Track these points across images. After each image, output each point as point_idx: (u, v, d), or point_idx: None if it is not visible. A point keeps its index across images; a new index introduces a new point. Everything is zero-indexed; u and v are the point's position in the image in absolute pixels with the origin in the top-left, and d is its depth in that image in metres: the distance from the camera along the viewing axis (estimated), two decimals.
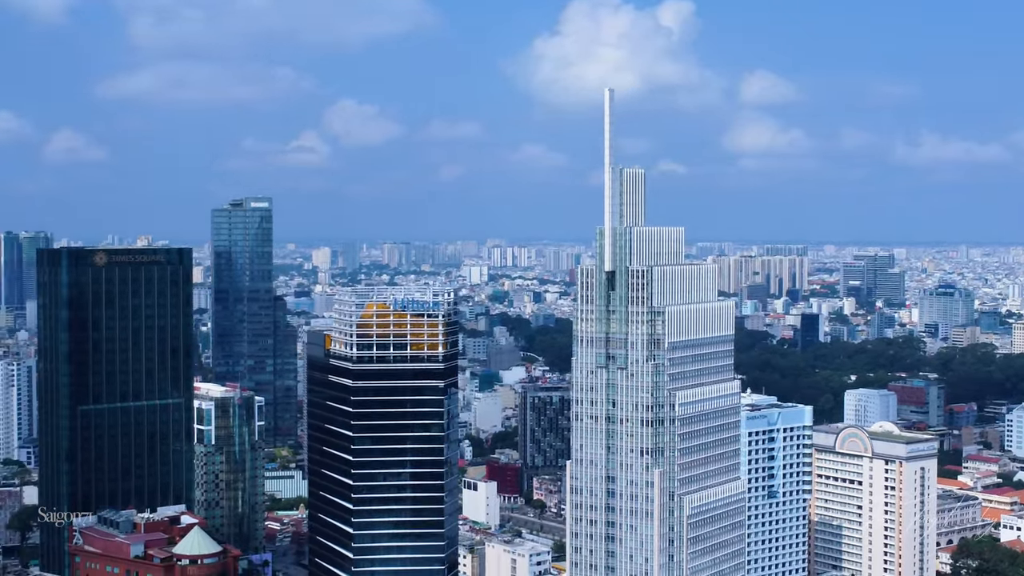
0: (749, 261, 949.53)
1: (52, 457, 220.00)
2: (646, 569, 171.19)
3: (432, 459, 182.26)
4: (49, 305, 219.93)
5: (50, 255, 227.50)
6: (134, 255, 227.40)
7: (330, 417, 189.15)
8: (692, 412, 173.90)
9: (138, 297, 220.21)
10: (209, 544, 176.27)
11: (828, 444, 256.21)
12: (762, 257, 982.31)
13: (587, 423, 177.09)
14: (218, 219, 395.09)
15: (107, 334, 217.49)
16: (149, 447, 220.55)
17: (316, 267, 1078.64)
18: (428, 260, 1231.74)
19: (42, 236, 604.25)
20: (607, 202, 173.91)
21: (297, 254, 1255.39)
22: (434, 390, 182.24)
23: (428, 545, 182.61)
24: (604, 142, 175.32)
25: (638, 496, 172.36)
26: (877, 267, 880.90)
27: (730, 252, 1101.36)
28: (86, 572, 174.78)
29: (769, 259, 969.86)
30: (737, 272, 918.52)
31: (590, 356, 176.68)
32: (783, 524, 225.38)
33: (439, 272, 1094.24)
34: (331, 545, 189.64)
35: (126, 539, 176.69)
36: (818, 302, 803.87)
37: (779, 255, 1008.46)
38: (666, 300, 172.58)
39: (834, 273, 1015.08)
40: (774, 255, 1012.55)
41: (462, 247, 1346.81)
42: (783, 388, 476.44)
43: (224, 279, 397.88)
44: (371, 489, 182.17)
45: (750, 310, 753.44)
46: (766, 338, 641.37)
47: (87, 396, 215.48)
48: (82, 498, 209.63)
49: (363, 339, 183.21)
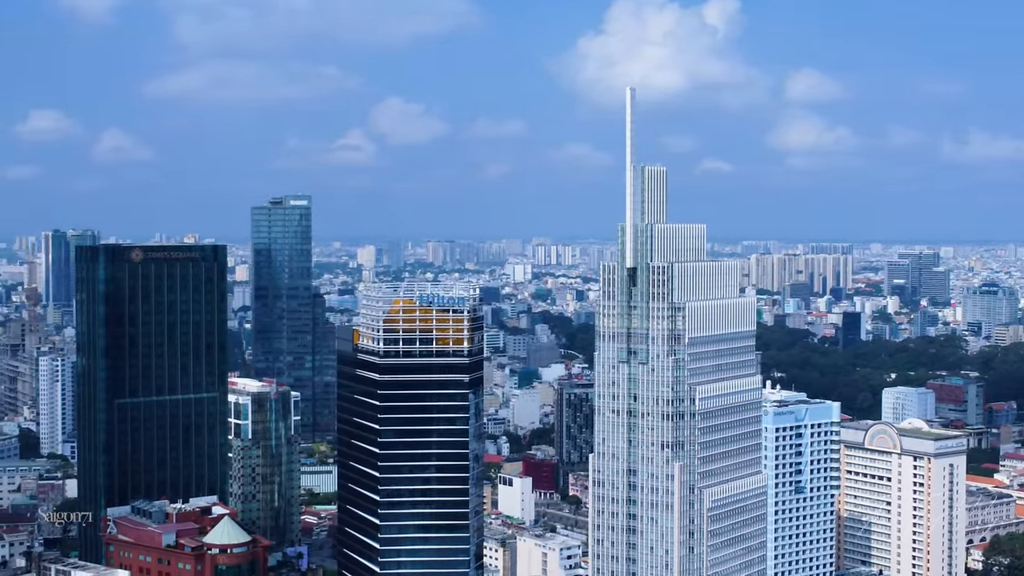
0: (793, 259, 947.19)
1: (90, 449, 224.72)
2: (666, 561, 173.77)
3: (457, 452, 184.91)
4: (87, 301, 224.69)
5: (88, 252, 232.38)
6: (170, 252, 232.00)
7: (358, 411, 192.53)
8: (712, 406, 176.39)
9: (174, 293, 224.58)
10: (239, 534, 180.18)
11: (857, 440, 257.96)
12: (806, 255, 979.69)
13: (609, 417, 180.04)
14: (258, 217, 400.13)
15: (143, 329, 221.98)
16: (184, 440, 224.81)
17: (360, 265, 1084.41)
18: (472, 258, 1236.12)
19: (89, 235, 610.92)
20: (628, 199, 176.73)
21: (342, 252, 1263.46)
22: (459, 384, 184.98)
23: (453, 536, 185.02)
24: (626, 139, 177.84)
25: (659, 489, 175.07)
26: (922, 266, 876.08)
27: (775, 251, 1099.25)
28: (120, 560, 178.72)
29: (813, 257, 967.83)
30: (780, 270, 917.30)
31: (612, 351, 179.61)
32: (810, 519, 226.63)
33: (483, 270, 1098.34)
34: (359, 536, 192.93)
35: (158, 529, 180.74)
36: (862, 301, 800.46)
37: (824, 254, 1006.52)
38: (687, 296, 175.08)
39: (879, 272, 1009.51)
40: (819, 254, 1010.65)
41: (507, 245, 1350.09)
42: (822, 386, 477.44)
43: (264, 276, 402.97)
44: (397, 481, 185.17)
45: (792, 308, 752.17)
46: (807, 336, 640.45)
47: (124, 390, 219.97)
48: (119, 490, 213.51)
49: (389, 334, 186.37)
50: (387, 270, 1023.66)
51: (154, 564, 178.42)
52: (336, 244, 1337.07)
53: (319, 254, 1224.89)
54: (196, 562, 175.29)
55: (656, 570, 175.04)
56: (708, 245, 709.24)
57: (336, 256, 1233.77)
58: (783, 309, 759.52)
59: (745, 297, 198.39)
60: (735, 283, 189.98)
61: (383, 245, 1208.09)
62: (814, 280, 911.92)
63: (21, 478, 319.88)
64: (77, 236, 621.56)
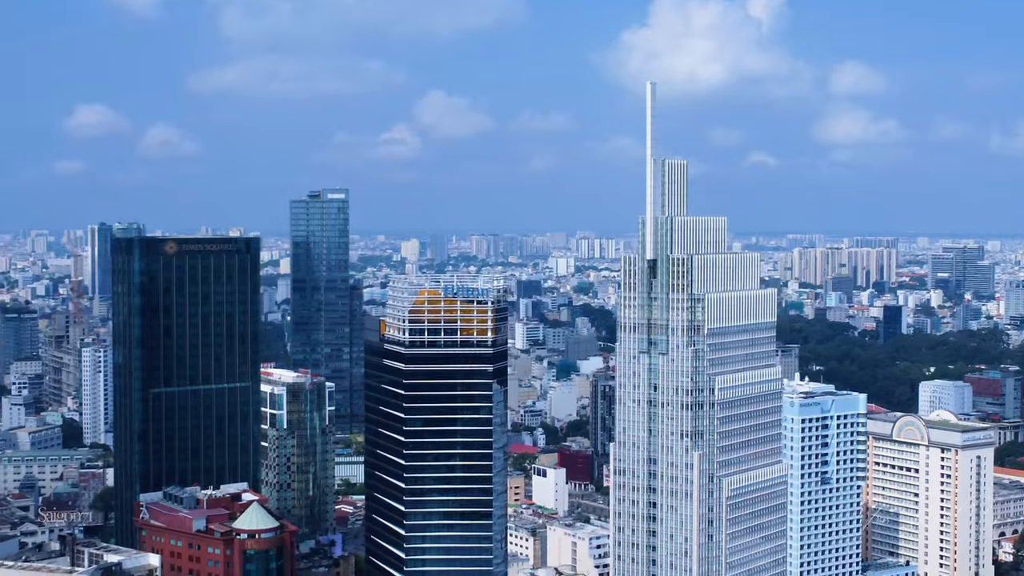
0: (836, 253, 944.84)
1: (126, 438, 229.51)
2: (686, 548, 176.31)
3: (481, 441, 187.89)
4: (123, 293, 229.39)
5: (124, 244, 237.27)
6: (204, 244, 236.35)
7: (384, 400, 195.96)
8: (731, 397, 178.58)
9: (208, 284, 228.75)
10: (267, 519, 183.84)
11: (885, 432, 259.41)
12: (850, 249, 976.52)
13: (630, 407, 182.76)
14: (296, 210, 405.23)
15: (178, 320, 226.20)
16: (218, 429, 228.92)
17: (405, 258, 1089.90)
18: (516, 252, 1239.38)
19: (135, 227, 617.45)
20: (648, 192, 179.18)
21: (387, 245, 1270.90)
22: (483, 374, 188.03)
23: (477, 524, 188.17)
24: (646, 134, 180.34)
25: (678, 478, 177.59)
26: (966, 259, 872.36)
27: (821, 244, 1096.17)
28: (152, 545, 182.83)
29: (856, 251, 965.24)
30: (824, 264, 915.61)
31: (633, 342, 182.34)
32: (836, 510, 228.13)
33: (526, 264, 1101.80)
34: (385, 523, 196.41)
35: (189, 514, 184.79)
36: (905, 294, 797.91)
37: (868, 247, 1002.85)
38: (706, 288, 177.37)
39: (924, 265, 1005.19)
40: (863, 247, 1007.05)
41: (551, 239, 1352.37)
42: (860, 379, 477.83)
43: (302, 269, 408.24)
44: (422, 469, 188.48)
45: (834, 302, 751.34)
46: (847, 329, 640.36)
47: (158, 379, 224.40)
48: (154, 477, 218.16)
49: (415, 324, 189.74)
50: (431, 263, 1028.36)
51: (185, 548, 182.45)
52: (380, 237, 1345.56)
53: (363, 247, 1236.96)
54: (225, 546, 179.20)
55: (676, 557, 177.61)
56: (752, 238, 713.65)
57: (380, 249, 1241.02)
58: (825, 303, 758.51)
59: (765, 289, 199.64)
60: (755, 275, 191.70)
61: (427, 239, 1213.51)
62: (857, 274, 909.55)
63: (64, 467, 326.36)
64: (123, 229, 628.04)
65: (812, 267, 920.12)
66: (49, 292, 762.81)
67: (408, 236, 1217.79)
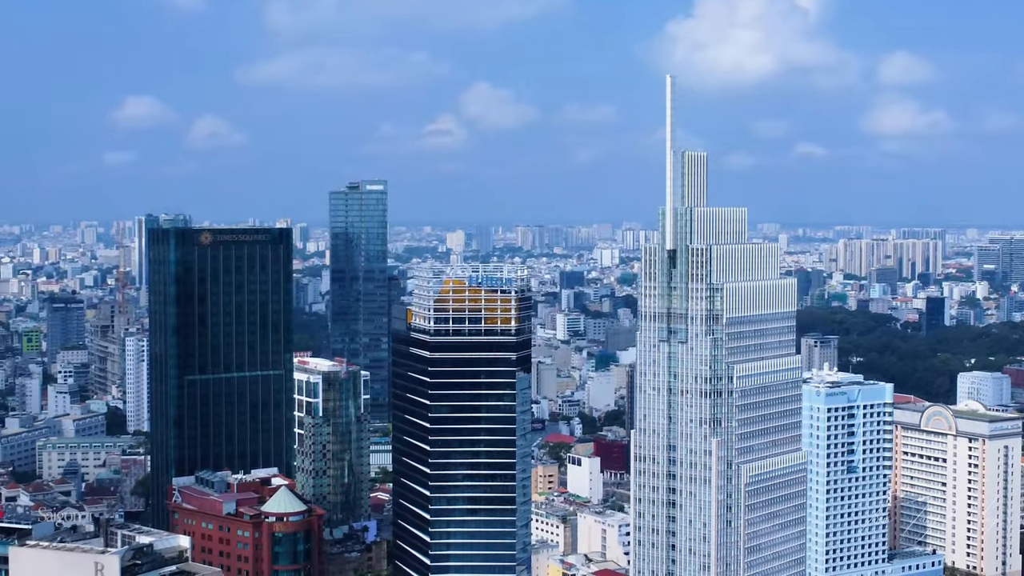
0: (881, 244, 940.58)
1: (162, 424, 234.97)
2: (704, 534, 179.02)
3: (504, 427, 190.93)
4: (158, 282, 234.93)
5: (159, 235, 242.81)
6: (237, 235, 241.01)
7: (410, 387, 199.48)
8: (750, 385, 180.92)
9: (241, 274, 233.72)
10: (295, 503, 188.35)
11: (913, 422, 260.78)
12: (896, 240, 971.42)
13: (650, 394, 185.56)
14: (335, 201, 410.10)
15: (212, 309, 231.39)
16: (251, 415, 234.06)
17: (450, 249, 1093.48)
18: (561, 243, 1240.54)
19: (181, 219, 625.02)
20: (668, 184, 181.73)
21: (433, 236, 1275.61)
22: (506, 362, 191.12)
23: (501, 509, 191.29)
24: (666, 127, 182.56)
25: (697, 464, 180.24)
26: (1013, 250, 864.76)
27: (868, 236, 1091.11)
28: (184, 527, 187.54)
29: (902, 242, 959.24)
30: (869, 255, 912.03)
31: (653, 330, 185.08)
32: (862, 499, 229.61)
33: (571, 255, 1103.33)
34: (411, 508, 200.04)
35: (220, 498, 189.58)
36: (950, 286, 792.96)
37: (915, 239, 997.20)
38: (726, 277, 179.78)
39: (971, 257, 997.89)
40: (910, 239, 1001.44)
41: (596, 230, 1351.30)
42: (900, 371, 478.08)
43: (341, 259, 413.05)
44: (447, 455, 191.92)
45: (878, 293, 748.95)
46: (889, 321, 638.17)
47: (193, 367, 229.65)
48: (188, 462, 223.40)
49: (440, 313, 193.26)
50: (476, 254, 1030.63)
51: (215, 531, 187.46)
52: (426, 229, 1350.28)
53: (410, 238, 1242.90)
54: (254, 529, 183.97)
55: (695, 543, 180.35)
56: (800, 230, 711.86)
57: (426, 240, 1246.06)
58: (868, 294, 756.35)
59: (785, 279, 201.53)
60: (775, 265, 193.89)
61: (472, 230, 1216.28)
62: (903, 265, 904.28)
63: (106, 454, 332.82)
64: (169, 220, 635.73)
65: (857, 258, 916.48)
66: (97, 282, 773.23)
67: (454, 227, 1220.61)
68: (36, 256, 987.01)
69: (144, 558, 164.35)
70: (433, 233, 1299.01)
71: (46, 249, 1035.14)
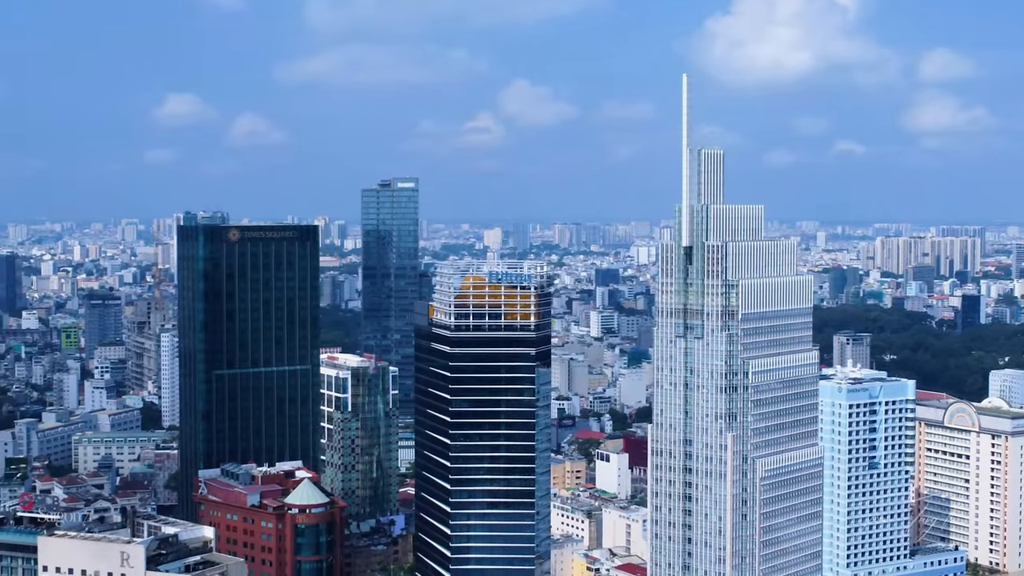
0: (919, 242, 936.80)
1: (191, 418, 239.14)
2: (720, 527, 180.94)
3: (524, 421, 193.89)
4: (187, 278, 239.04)
5: (189, 231, 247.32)
6: (265, 231, 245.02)
7: (431, 381, 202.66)
8: (766, 380, 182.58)
9: (268, 270, 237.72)
10: (317, 495, 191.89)
11: (936, 419, 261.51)
12: (933, 238, 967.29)
13: (666, 389, 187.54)
14: (367, 199, 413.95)
15: (240, 305, 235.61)
16: (278, 410, 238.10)
17: (487, 247, 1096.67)
18: (599, 240, 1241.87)
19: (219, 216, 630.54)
20: (685, 181, 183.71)
21: (470, 234, 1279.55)
22: (526, 357, 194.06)
23: (520, 502, 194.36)
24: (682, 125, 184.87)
25: (713, 458, 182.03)
26: None
27: (907, 233, 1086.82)
28: (209, 519, 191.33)
29: (940, 240, 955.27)
30: (906, 253, 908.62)
31: (669, 326, 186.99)
32: (884, 495, 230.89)
33: (608, 252, 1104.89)
34: (433, 500, 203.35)
35: (244, 490, 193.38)
36: (988, 284, 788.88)
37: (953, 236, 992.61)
38: (741, 274, 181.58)
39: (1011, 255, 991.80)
40: (949, 236, 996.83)
41: (634, 228, 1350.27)
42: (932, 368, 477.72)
43: (373, 256, 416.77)
44: (467, 449, 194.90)
45: (914, 291, 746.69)
46: (924, 319, 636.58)
47: (221, 361, 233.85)
48: (216, 455, 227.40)
49: (460, 309, 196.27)
50: (513, 252, 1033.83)
51: (240, 522, 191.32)
52: (464, 226, 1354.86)
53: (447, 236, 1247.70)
54: (277, 521, 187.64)
55: (710, 536, 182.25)
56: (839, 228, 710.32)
57: (464, 238, 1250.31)
58: (905, 292, 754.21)
59: (802, 276, 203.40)
60: (792, 262, 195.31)
61: (510, 227, 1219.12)
62: (940, 263, 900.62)
63: (141, 448, 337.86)
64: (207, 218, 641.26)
65: (894, 256, 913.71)
66: (136, 280, 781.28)
67: (491, 225, 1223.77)
68: (77, 253, 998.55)
69: (169, 548, 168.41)
70: (471, 231, 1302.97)
71: (87, 246, 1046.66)
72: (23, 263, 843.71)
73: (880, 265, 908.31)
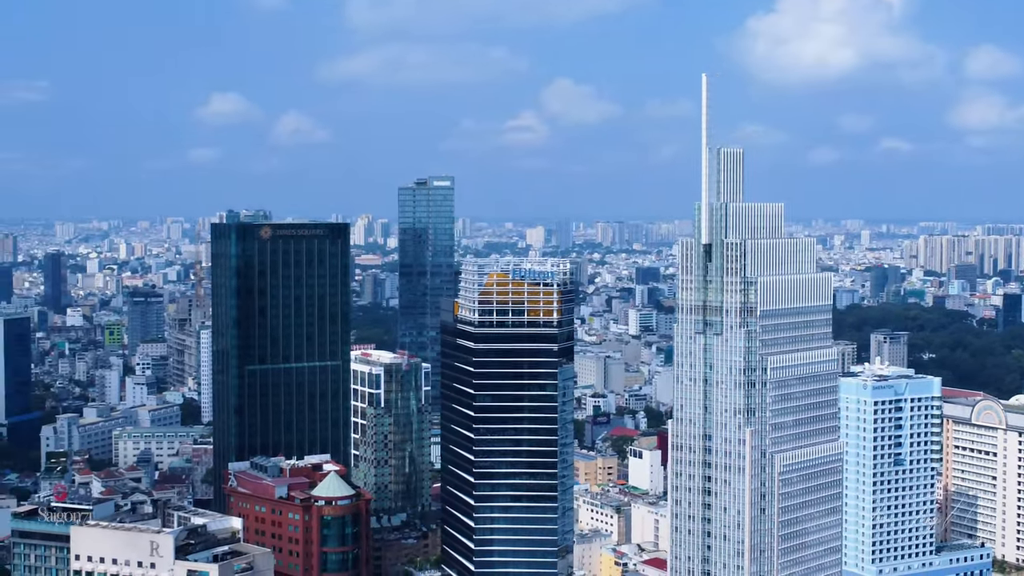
0: (962, 241, 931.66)
1: (223, 412, 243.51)
2: (738, 521, 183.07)
3: (546, 416, 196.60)
4: (220, 275, 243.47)
5: (222, 229, 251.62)
6: (296, 229, 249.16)
7: (457, 377, 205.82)
8: (784, 376, 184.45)
9: (300, 267, 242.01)
10: (343, 488, 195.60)
11: (964, 416, 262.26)
12: (977, 237, 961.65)
13: (686, 384, 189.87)
14: (403, 197, 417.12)
15: (271, 301, 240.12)
16: (309, 405, 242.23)
17: (529, 245, 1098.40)
18: (641, 239, 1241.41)
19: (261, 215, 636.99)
20: (704, 179, 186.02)
21: (513, 232, 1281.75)
22: (548, 352, 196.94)
23: (543, 495, 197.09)
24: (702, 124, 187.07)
25: (732, 453, 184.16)
26: None
27: (952, 232, 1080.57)
28: (238, 510, 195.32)
29: (984, 239, 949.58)
30: (949, 251, 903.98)
31: (689, 323, 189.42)
32: (910, 491, 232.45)
33: (650, 251, 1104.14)
34: (457, 494, 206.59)
35: (272, 482, 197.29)
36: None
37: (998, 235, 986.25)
38: (760, 271, 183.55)
39: None
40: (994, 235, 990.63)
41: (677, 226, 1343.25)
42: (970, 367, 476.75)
43: (409, 254, 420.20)
44: (490, 443, 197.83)
45: (956, 290, 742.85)
46: (965, 318, 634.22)
47: (253, 357, 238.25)
48: (249, 449, 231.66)
49: (484, 305, 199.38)
50: (555, 250, 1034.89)
51: (268, 513, 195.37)
52: (508, 225, 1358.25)
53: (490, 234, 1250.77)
54: (304, 512, 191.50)
55: (729, 529, 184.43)
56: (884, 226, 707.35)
57: (507, 236, 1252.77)
58: (947, 291, 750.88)
59: (822, 273, 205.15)
60: (811, 259, 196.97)
61: (553, 226, 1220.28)
62: (984, 262, 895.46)
63: (179, 443, 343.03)
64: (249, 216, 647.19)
65: (938, 255, 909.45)
66: (180, 277, 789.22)
67: (534, 223, 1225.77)
68: (122, 251, 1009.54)
69: (197, 538, 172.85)
70: (514, 229, 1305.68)
71: (132, 244, 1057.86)
72: (69, 261, 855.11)
73: (923, 264, 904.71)
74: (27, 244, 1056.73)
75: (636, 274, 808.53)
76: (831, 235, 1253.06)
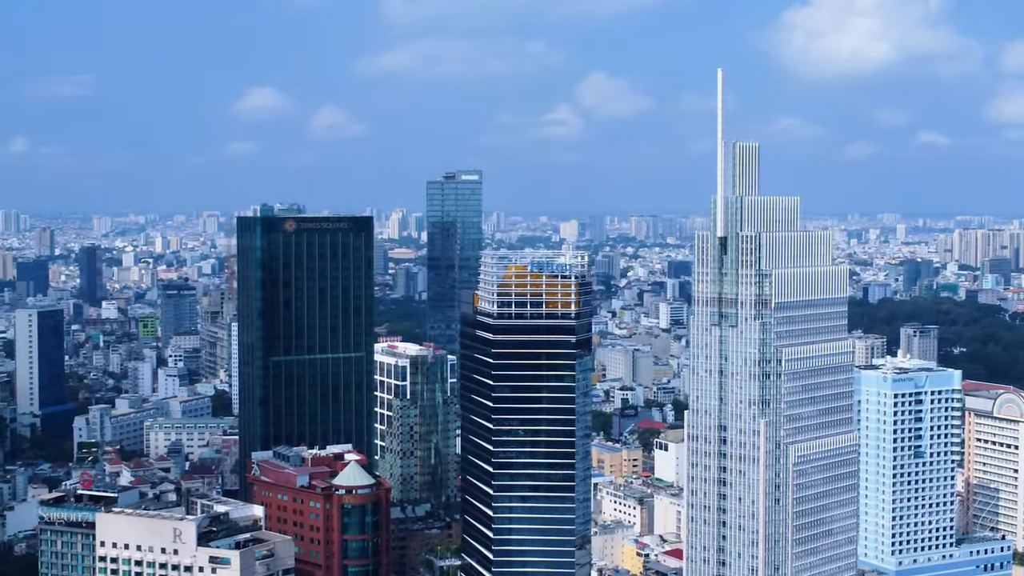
0: (997, 235, 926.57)
1: (249, 403, 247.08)
2: (753, 511, 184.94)
3: (564, 407, 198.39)
4: (245, 267, 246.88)
5: (246, 223, 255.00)
6: (320, 222, 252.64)
7: (476, 368, 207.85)
8: (799, 368, 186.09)
9: (324, 260, 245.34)
10: (364, 477, 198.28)
11: (986, 409, 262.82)
12: (1012, 231, 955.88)
13: (702, 376, 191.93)
14: (432, 191, 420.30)
15: (296, 293, 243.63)
16: (333, 396, 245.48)
17: (563, 239, 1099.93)
18: (675, 233, 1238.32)
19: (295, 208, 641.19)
20: (719, 173, 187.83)
21: (547, 226, 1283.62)
22: (566, 344, 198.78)
23: (560, 485, 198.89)
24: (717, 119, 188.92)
25: (746, 444, 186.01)
26: None
27: (989, 226, 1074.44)
28: (260, 499, 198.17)
29: (1020, 233, 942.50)
30: (984, 245, 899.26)
31: (705, 315, 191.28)
32: (929, 484, 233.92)
33: (684, 245, 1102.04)
34: (476, 484, 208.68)
35: (294, 471, 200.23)
36: None
37: None
38: (775, 264, 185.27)
39: None
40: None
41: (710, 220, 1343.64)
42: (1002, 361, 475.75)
43: (437, 248, 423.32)
44: (508, 433, 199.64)
45: (990, 284, 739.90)
46: (997, 312, 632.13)
47: (278, 348, 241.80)
48: (274, 439, 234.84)
49: (503, 297, 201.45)
50: (588, 244, 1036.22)
51: (289, 502, 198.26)
52: (543, 218, 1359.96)
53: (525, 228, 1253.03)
54: (325, 501, 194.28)
55: (744, 520, 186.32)
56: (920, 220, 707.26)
57: (541, 230, 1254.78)
58: (981, 284, 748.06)
59: (836, 266, 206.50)
60: (827, 252, 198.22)
61: (587, 219, 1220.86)
62: (1019, 256, 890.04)
63: (210, 434, 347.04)
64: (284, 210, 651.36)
65: (972, 249, 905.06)
66: (215, 271, 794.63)
67: (568, 217, 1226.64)
68: (158, 245, 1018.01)
69: (220, 525, 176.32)
70: (548, 223, 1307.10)
71: (168, 238, 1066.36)
72: (105, 254, 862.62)
73: (958, 258, 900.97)
74: (64, 238, 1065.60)
75: (668, 268, 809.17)
76: (867, 229, 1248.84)
